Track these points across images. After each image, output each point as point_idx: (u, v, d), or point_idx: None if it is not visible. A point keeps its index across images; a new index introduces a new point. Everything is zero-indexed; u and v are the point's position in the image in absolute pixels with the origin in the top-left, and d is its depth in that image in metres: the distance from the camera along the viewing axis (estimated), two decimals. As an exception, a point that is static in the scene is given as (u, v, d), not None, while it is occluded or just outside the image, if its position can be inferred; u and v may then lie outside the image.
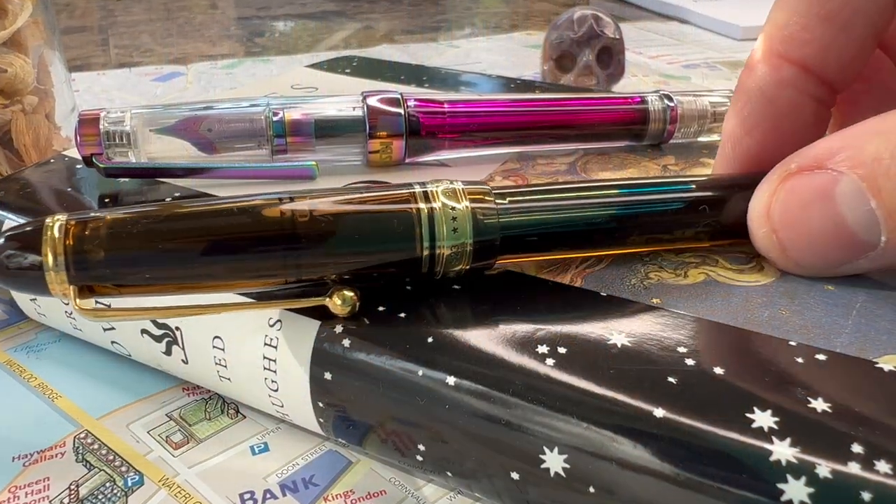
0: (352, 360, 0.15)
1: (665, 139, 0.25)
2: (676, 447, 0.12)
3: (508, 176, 0.23)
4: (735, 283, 0.17)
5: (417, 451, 0.15)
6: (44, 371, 0.20)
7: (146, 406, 0.19)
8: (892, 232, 0.15)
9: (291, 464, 0.17)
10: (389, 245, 0.15)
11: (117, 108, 0.21)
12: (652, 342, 0.14)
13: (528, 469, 0.14)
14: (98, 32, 0.64)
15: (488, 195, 0.16)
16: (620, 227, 0.17)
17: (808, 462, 0.11)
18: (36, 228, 0.14)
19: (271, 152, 0.22)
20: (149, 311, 0.16)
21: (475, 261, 0.16)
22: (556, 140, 0.24)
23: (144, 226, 0.14)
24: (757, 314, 0.15)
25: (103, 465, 0.17)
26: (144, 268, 0.14)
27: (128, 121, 0.21)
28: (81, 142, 0.21)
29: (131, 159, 0.21)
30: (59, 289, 0.14)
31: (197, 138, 0.21)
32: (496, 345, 0.15)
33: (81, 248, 0.14)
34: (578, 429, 0.13)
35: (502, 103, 0.24)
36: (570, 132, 0.24)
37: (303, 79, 0.32)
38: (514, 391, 0.14)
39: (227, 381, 0.18)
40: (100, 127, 0.21)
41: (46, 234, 0.14)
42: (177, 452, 0.18)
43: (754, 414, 0.12)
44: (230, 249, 0.14)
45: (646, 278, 0.17)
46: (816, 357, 0.14)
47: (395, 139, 0.22)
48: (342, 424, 0.16)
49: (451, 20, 0.71)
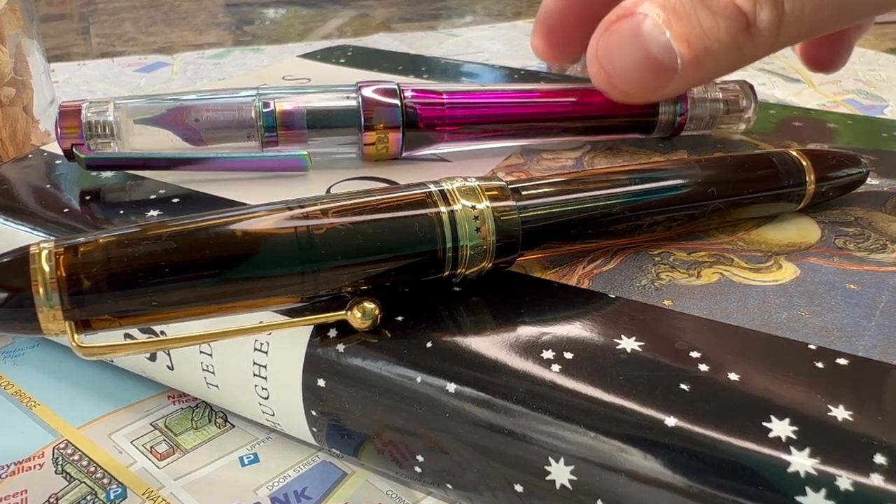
0: (346, 366, 0.15)
1: (676, 131, 0.24)
2: (689, 458, 0.12)
3: (512, 172, 0.23)
4: (751, 282, 0.17)
5: (416, 462, 0.15)
6: (21, 378, 0.20)
7: (129, 415, 0.19)
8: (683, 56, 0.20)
9: (283, 476, 0.17)
10: (412, 252, 0.15)
11: (100, 100, 0.21)
12: (663, 347, 0.14)
13: (532, 481, 0.14)
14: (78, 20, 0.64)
15: (505, 191, 0.16)
16: (639, 214, 0.17)
17: (829, 474, 0.11)
18: (19, 259, 0.13)
19: (261, 144, 0.22)
20: (161, 343, 0.15)
21: (497, 258, 0.16)
22: (560, 132, 0.24)
23: (147, 247, 0.13)
24: (774, 316, 0.15)
25: (84, 477, 0.17)
26: (151, 295, 0.13)
27: (111, 111, 0.21)
28: (62, 134, 0.21)
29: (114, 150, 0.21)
30: (53, 327, 0.13)
31: (184, 129, 0.21)
32: (499, 350, 0.15)
33: (77, 278, 0.13)
34: (586, 438, 0.13)
35: (504, 94, 0.24)
36: (574, 124, 0.24)
37: (295, 69, 0.32)
38: (518, 399, 0.14)
39: (214, 389, 0.18)
40: (81, 118, 0.21)
41: (34, 264, 0.13)
42: (162, 464, 0.18)
43: (771, 423, 0.12)
44: (246, 267, 0.14)
45: (657, 279, 0.17)
46: (837, 361, 0.14)
47: (392, 131, 0.22)
48: (336, 434, 0.16)
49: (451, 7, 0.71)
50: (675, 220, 0.18)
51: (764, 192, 0.19)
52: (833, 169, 0.20)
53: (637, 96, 0.22)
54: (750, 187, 0.19)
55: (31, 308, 0.13)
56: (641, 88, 0.22)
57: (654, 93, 0.22)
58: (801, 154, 0.19)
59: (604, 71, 0.22)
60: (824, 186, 0.19)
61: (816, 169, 0.19)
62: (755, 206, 0.19)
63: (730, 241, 0.19)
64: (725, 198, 0.18)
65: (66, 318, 0.13)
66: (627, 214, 0.17)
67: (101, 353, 0.14)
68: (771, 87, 0.43)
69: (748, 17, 0.19)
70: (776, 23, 0.20)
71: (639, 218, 0.17)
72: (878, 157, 0.23)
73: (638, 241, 0.18)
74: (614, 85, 0.22)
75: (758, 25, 0.20)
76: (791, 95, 0.42)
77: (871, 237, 0.19)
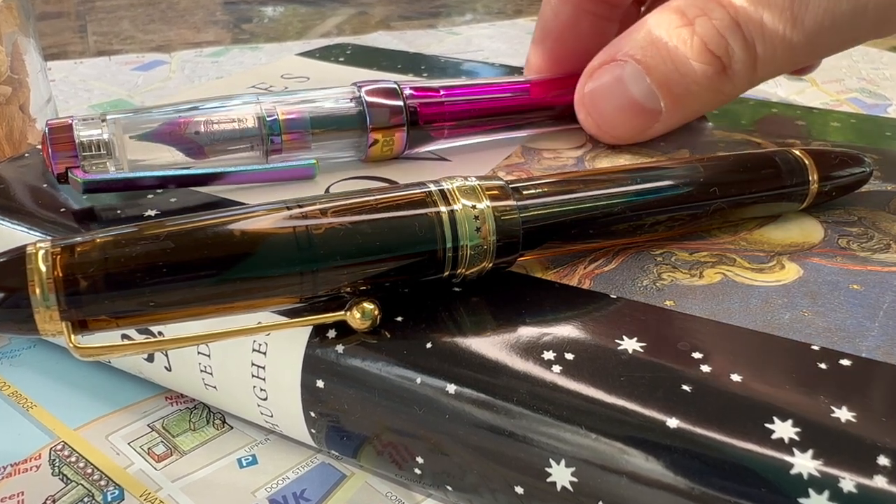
0: (346, 366, 0.15)
1: None
2: (691, 460, 0.12)
3: (512, 171, 0.23)
4: (754, 283, 0.17)
5: (416, 463, 0.15)
6: (18, 379, 0.20)
7: (127, 416, 0.19)
8: (665, 98, 0.22)
9: (281, 477, 0.17)
10: (412, 252, 0.15)
11: (89, 116, 0.20)
12: (665, 348, 0.14)
13: (533, 483, 0.14)
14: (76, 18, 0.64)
15: (505, 190, 0.16)
16: (641, 214, 0.17)
17: (832, 475, 0.11)
18: (15, 259, 0.13)
19: (266, 153, 0.21)
20: (159, 344, 0.15)
21: (498, 258, 0.16)
22: (556, 122, 0.25)
23: (145, 247, 0.13)
24: (777, 316, 0.15)
25: (81, 479, 0.17)
26: (148, 295, 0.13)
27: (105, 130, 0.20)
28: (54, 154, 0.19)
29: (111, 170, 0.20)
30: (50, 327, 0.13)
31: (183, 143, 0.21)
32: (499, 350, 0.15)
33: (74, 278, 0.13)
34: (587, 440, 0.13)
35: (498, 87, 0.24)
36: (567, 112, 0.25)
37: (293, 68, 0.32)
38: (519, 400, 0.14)
39: (212, 390, 0.18)
40: (73, 137, 0.19)
41: (30, 264, 0.13)
42: (159, 465, 0.18)
43: (774, 424, 0.12)
44: (244, 267, 0.14)
45: (658, 279, 0.17)
46: (841, 362, 0.14)
47: (397, 131, 0.22)
48: (335, 435, 0.16)
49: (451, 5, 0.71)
50: (677, 219, 0.18)
51: (766, 191, 0.19)
52: (836, 168, 0.20)
53: (626, 139, 0.23)
54: (752, 187, 0.19)
55: (28, 308, 0.13)
56: (629, 132, 0.23)
57: (642, 134, 0.23)
58: (804, 153, 0.19)
59: (591, 118, 0.23)
60: (827, 186, 0.19)
61: (819, 168, 0.19)
62: (758, 205, 0.19)
63: (732, 241, 0.19)
64: (727, 197, 0.18)
65: (63, 318, 0.13)
66: (629, 214, 0.17)
67: (98, 353, 0.14)
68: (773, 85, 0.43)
69: (722, 60, 0.21)
70: (750, 65, 0.21)
71: (640, 218, 0.17)
72: (881, 157, 0.23)
73: (639, 240, 0.18)
74: (603, 130, 0.23)
75: (733, 68, 0.21)
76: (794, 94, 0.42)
77: (874, 237, 0.19)
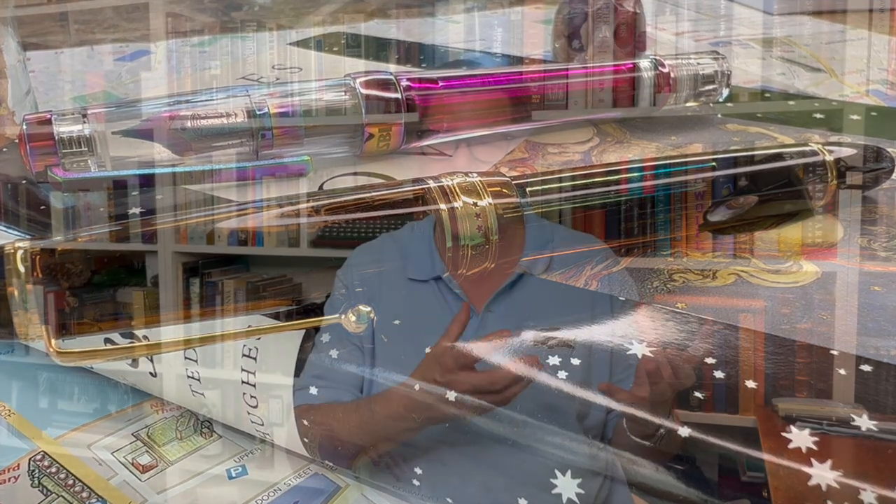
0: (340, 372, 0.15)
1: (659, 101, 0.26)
2: (703, 470, 0.12)
3: (515, 167, 0.23)
4: (770, 284, 0.17)
5: (414, 474, 0.15)
6: (-5, 385, 0.20)
7: (110, 424, 0.19)
8: None
9: (273, 489, 0.17)
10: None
11: (67, 111, 0.20)
12: (676, 352, 0.14)
13: (537, 495, 0.14)
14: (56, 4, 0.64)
15: (508, 187, 0.16)
16: (651, 211, 0.17)
17: (852, 487, 0.11)
18: None
19: (256, 149, 0.21)
20: (143, 348, 0.15)
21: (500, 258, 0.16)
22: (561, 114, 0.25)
23: (129, 247, 0.13)
24: (794, 320, 0.15)
25: (62, 491, 0.17)
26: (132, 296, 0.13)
27: (87, 124, 0.19)
28: (32, 151, 0.19)
29: (92, 169, 0.20)
30: (29, 331, 0.13)
31: (169, 139, 0.20)
32: (502, 355, 0.15)
33: (55, 280, 0.13)
34: (594, 450, 0.13)
35: (499, 78, 0.25)
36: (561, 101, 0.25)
37: (285, 58, 0.32)
38: (522, 407, 0.14)
39: (200, 397, 0.18)
40: (53, 133, 0.19)
41: (9, 265, 0.13)
42: (144, 476, 0.18)
43: (791, 433, 0.12)
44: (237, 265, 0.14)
45: (669, 280, 0.17)
46: (861, 368, 0.14)
47: (394, 124, 0.22)
48: (329, 445, 0.16)
49: (452, -8, 0.71)
50: (689, 217, 0.18)
51: (783, 187, 0.19)
52: (856, 163, 0.20)
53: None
54: (768, 183, 0.19)
55: (6, 312, 0.13)
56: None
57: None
58: (823, 148, 0.19)
59: None
60: (847, 182, 0.19)
61: (839, 163, 0.19)
62: (774, 202, 0.19)
63: (747, 240, 0.19)
64: (742, 194, 0.18)
65: (43, 321, 0.13)
66: (638, 211, 0.17)
67: (79, 358, 0.14)
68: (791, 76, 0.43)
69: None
70: None
71: (650, 215, 0.17)
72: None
73: (649, 239, 0.18)
74: None
75: None
76: (812, 86, 0.42)
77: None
